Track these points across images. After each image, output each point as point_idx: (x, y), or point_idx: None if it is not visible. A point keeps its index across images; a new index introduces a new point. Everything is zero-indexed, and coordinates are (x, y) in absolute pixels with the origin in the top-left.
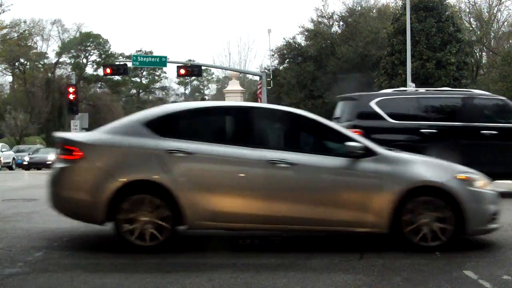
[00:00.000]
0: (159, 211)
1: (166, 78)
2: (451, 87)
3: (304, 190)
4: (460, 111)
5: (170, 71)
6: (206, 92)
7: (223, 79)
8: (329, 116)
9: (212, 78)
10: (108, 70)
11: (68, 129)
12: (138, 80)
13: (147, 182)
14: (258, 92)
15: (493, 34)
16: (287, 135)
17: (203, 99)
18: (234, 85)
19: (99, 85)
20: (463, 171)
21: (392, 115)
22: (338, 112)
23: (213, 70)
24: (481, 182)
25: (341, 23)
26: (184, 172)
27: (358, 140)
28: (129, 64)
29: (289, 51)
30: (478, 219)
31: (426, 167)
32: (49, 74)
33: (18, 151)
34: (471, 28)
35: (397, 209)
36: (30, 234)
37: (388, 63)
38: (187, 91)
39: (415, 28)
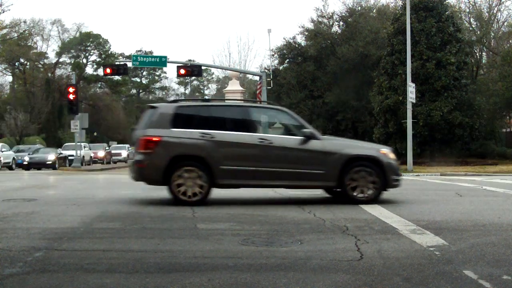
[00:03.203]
0: None
1: (166, 78)
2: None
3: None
4: None
5: (170, 71)
6: (206, 92)
7: (223, 79)
8: (332, 116)
9: (212, 78)
10: (108, 70)
11: (68, 129)
12: (138, 80)
13: None
14: (257, 92)
15: (493, 34)
16: None
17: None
18: (234, 85)
19: (99, 85)
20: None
21: None
22: None
23: (213, 70)
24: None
25: (341, 23)
26: None
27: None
28: (129, 64)
29: (289, 51)
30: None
31: None
32: (49, 74)
33: (18, 151)
34: (471, 28)
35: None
36: (30, 234)
37: (388, 63)
38: (187, 91)
39: (415, 28)
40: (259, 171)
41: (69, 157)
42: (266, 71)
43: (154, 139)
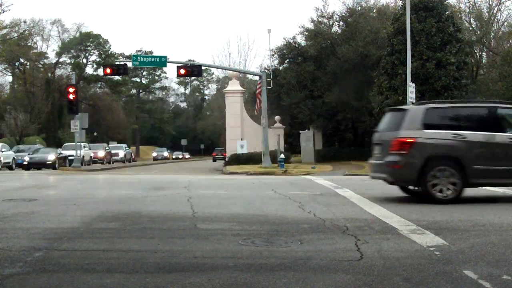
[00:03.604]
0: None
1: (166, 78)
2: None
3: None
4: None
5: (170, 71)
6: (206, 92)
7: (223, 79)
8: (332, 116)
9: (212, 78)
10: (108, 70)
11: (68, 129)
12: (138, 80)
13: None
14: (257, 92)
15: (493, 34)
16: None
17: (203, 99)
18: (234, 85)
19: (99, 85)
20: None
21: None
22: None
23: (213, 70)
24: None
25: (341, 23)
26: None
27: None
28: (129, 64)
29: (289, 51)
30: None
31: None
32: (49, 74)
33: (18, 151)
34: (471, 28)
35: None
36: (30, 234)
37: (388, 63)
38: (187, 91)
39: (415, 28)
40: (510, 170)
41: (69, 157)
42: (266, 71)
43: (409, 140)
